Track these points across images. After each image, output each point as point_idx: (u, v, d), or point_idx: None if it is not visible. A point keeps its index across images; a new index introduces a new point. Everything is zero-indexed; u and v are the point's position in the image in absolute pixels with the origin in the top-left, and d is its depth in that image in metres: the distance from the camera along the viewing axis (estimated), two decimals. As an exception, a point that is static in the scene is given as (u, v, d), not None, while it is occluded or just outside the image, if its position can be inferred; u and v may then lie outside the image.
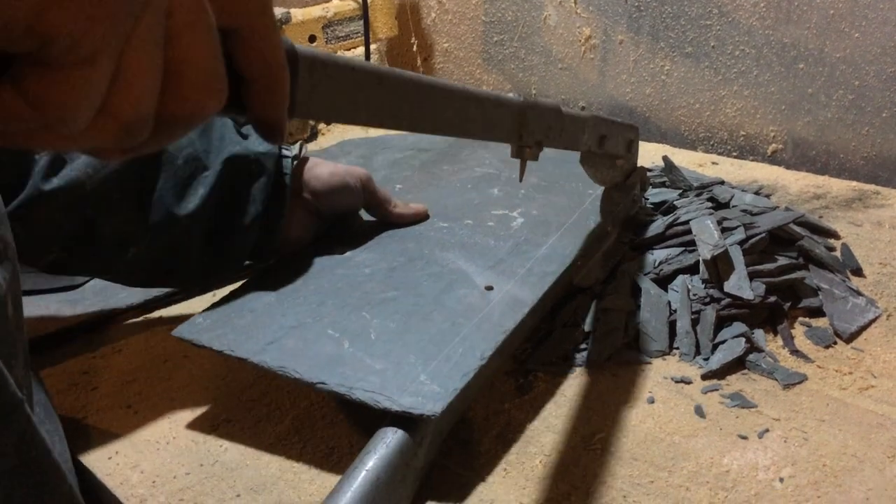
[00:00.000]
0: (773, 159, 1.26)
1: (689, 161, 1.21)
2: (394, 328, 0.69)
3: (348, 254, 0.81)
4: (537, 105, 0.64)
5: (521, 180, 0.68)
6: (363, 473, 0.55)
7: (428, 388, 0.61)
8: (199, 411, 0.71)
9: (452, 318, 0.70)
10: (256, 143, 0.78)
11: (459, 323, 0.69)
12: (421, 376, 0.62)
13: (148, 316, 0.86)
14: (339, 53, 1.48)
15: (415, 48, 1.66)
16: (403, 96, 0.50)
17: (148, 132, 0.27)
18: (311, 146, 1.41)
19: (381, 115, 0.48)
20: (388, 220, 0.86)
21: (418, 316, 0.71)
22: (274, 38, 0.32)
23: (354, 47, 1.52)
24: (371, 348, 0.66)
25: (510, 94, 0.62)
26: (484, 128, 0.59)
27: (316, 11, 1.45)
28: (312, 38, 1.44)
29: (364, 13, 1.46)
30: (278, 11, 1.37)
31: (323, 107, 0.42)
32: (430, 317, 0.70)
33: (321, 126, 1.48)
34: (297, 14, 1.42)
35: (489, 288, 0.74)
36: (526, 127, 0.62)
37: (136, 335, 0.83)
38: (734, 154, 1.30)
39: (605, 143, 0.80)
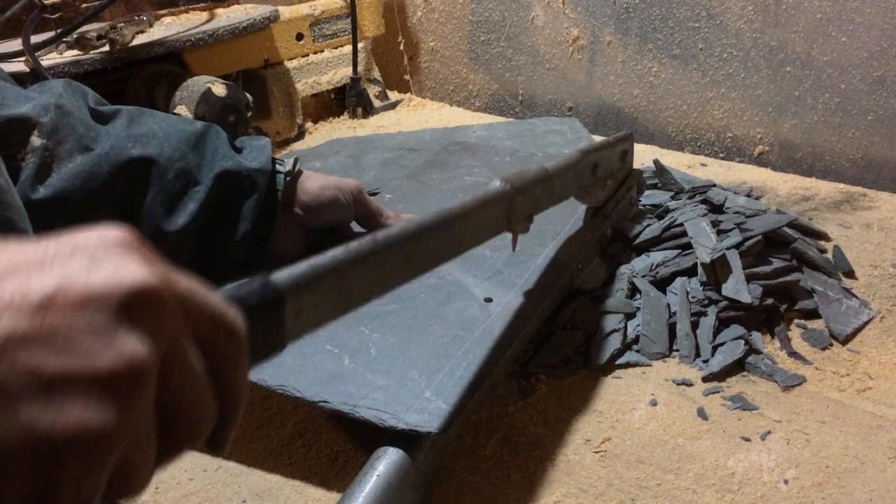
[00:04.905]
0: (759, 161, 1.27)
1: (678, 162, 1.22)
2: (394, 342, 0.68)
3: None
4: (523, 185, 0.60)
5: (514, 250, 0.65)
6: (374, 479, 0.55)
7: (433, 405, 0.60)
8: (198, 416, 0.70)
9: (453, 332, 0.69)
10: (250, 159, 0.76)
11: (461, 336, 0.68)
12: (425, 392, 0.61)
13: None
14: (326, 51, 1.48)
15: (401, 47, 1.65)
16: (392, 262, 0.46)
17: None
18: (298, 145, 1.40)
19: (371, 292, 0.44)
20: None
21: (418, 329, 0.69)
22: (244, 372, 0.32)
23: (341, 45, 1.51)
24: (372, 364, 0.65)
25: (495, 185, 0.58)
26: (473, 238, 0.55)
27: (303, 9, 1.44)
28: (300, 36, 1.43)
29: (352, 11, 1.45)
30: (266, 9, 1.35)
31: (311, 321, 0.39)
32: (430, 330, 0.69)
33: (308, 125, 1.47)
34: (285, 12, 1.40)
35: (488, 300, 0.74)
36: (514, 212, 0.59)
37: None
38: (721, 155, 1.31)
39: (598, 169, 0.79)
